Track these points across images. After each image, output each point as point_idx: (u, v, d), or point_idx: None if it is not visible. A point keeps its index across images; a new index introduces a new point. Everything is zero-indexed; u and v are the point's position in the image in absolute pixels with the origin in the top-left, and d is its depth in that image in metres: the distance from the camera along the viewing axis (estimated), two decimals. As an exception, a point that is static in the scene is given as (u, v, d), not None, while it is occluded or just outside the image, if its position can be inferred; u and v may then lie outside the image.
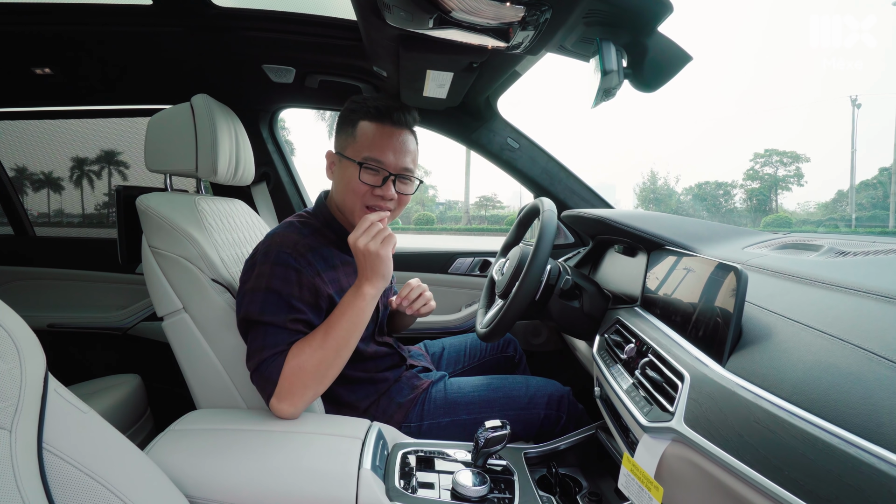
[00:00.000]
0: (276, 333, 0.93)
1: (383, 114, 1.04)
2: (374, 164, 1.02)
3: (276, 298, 0.94)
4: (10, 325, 0.53)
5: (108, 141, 3.30)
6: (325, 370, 0.93)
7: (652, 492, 0.63)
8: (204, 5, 1.40)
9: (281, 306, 0.94)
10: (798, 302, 0.63)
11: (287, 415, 0.92)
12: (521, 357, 1.49)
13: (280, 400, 0.91)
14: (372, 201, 1.04)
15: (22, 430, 0.49)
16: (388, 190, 1.04)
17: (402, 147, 1.05)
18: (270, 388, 0.91)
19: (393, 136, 1.04)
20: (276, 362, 0.91)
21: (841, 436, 0.41)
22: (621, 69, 0.95)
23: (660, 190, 38.11)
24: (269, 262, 0.96)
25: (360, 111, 1.05)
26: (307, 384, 0.92)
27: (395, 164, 1.04)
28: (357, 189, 1.03)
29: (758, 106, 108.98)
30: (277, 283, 0.95)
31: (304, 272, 0.97)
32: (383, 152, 1.03)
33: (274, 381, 0.91)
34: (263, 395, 0.93)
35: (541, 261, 1.01)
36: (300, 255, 0.98)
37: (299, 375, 0.91)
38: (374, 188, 1.03)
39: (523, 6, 0.84)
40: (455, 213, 40.11)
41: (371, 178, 1.03)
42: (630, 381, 0.79)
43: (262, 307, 0.94)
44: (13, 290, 2.08)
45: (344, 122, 1.08)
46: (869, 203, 31.94)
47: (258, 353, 0.92)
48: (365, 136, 1.04)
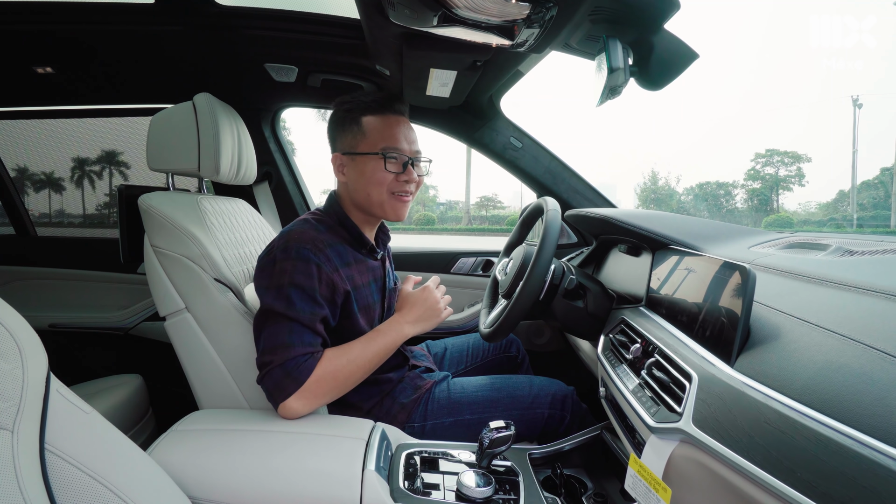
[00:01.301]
0: (302, 332, 0.94)
1: (385, 106, 1.08)
2: (393, 153, 1.06)
3: (301, 293, 0.95)
4: (12, 325, 0.52)
5: (109, 141, 3.30)
6: (350, 383, 1.00)
7: (660, 493, 0.63)
8: (206, 4, 1.39)
9: (306, 301, 0.96)
10: (807, 301, 0.62)
11: (297, 415, 0.93)
12: (524, 357, 1.49)
13: (298, 400, 0.92)
14: (398, 188, 1.08)
15: (24, 430, 0.49)
16: (412, 174, 1.09)
17: (410, 132, 1.11)
18: (293, 387, 0.91)
19: (400, 123, 1.10)
20: (307, 363, 0.93)
21: (854, 437, 0.40)
22: (627, 67, 0.94)
23: (661, 190, 38.08)
24: (290, 258, 0.97)
25: (359, 108, 1.09)
26: (329, 391, 0.96)
27: (410, 149, 1.09)
28: (382, 180, 1.06)
29: (759, 106, 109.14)
30: (300, 277, 0.96)
31: (324, 267, 0.98)
32: (397, 140, 1.08)
33: (301, 380, 0.92)
34: (278, 392, 0.92)
35: (545, 260, 1.00)
36: (319, 251, 0.99)
37: (327, 381, 0.94)
38: (397, 175, 1.07)
39: (529, 3, 0.83)
40: (456, 214, 40.10)
41: (393, 166, 1.07)
42: (636, 382, 0.78)
43: (288, 302, 0.94)
44: (15, 290, 2.08)
45: (345, 123, 1.10)
46: (870, 203, 31.90)
47: (285, 349, 0.92)
48: (374, 129, 1.07)
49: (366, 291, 1.10)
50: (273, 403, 0.94)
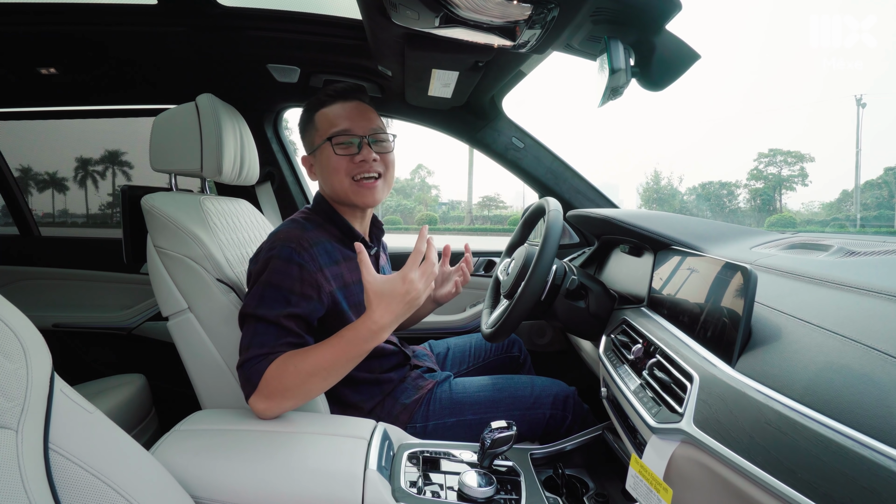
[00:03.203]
0: (264, 332, 0.91)
1: (333, 96, 1.08)
2: (342, 136, 1.04)
3: (274, 292, 0.94)
4: (17, 325, 0.52)
5: (111, 141, 3.31)
6: (313, 387, 0.89)
7: (661, 493, 0.63)
8: (209, 5, 1.40)
9: (277, 300, 0.93)
10: (809, 302, 0.62)
11: (266, 416, 0.91)
12: (526, 357, 1.49)
13: (258, 401, 0.89)
14: (357, 171, 1.05)
15: (28, 430, 0.49)
16: (368, 153, 1.05)
17: (362, 113, 1.07)
18: (248, 389, 0.89)
19: (349, 107, 1.07)
20: (258, 365, 0.88)
21: (855, 438, 0.40)
22: (629, 68, 0.94)
23: (663, 190, 38.05)
24: (273, 258, 0.96)
25: (313, 106, 1.10)
26: (284, 393, 0.88)
27: (363, 127, 1.06)
28: (337, 165, 1.04)
29: (761, 105, 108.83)
30: (277, 277, 0.94)
31: (307, 267, 0.97)
32: (347, 122, 1.05)
33: (254, 382, 0.88)
34: (245, 392, 0.91)
35: (547, 261, 1.00)
36: (303, 250, 0.98)
37: (277, 383, 0.87)
38: (352, 157, 1.05)
39: (530, 4, 0.83)
40: (458, 214, 40.14)
41: (345, 149, 1.05)
42: (637, 382, 0.78)
43: (258, 301, 0.93)
44: (19, 290, 2.09)
45: (305, 125, 1.12)
46: (874, 203, 31.81)
47: (244, 350, 0.91)
48: (325, 119, 1.07)
49: (356, 289, 1.07)
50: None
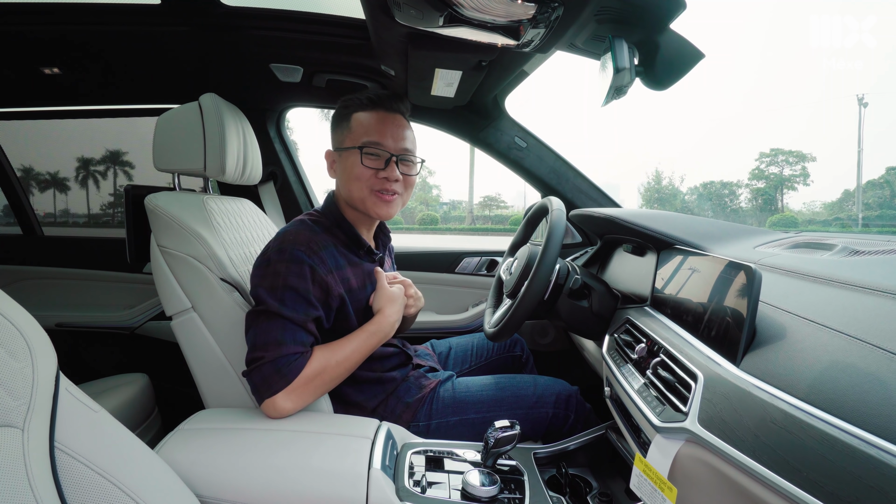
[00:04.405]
0: (294, 331, 0.94)
1: (376, 102, 1.07)
2: (373, 148, 1.05)
3: (295, 295, 0.95)
4: (22, 324, 0.53)
5: (112, 141, 3.32)
6: (336, 382, 1.00)
7: (665, 493, 0.63)
8: (212, 4, 1.40)
9: (300, 302, 0.95)
10: (813, 301, 0.62)
11: (282, 413, 0.92)
12: (529, 356, 1.49)
13: (286, 397, 0.91)
14: (378, 185, 1.06)
15: (34, 429, 0.49)
16: (393, 171, 1.05)
17: (398, 130, 1.08)
18: (281, 384, 0.91)
19: (387, 119, 1.07)
20: (297, 362, 0.92)
21: (861, 437, 0.41)
22: (633, 67, 0.94)
23: (664, 190, 38.01)
24: (284, 260, 0.97)
25: (353, 105, 1.09)
26: (315, 390, 0.96)
27: (395, 146, 1.06)
28: (361, 175, 1.05)
29: (762, 105, 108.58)
30: (294, 279, 0.95)
31: (318, 269, 0.98)
32: (381, 135, 1.05)
33: (290, 378, 0.91)
34: (265, 388, 0.91)
35: (550, 260, 1.00)
36: (313, 253, 0.99)
37: (315, 380, 0.94)
38: (377, 171, 1.05)
39: (534, 4, 0.83)
40: (459, 213, 40.14)
41: (373, 161, 1.05)
42: (641, 381, 0.78)
43: (282, 302, 0.94)
44: (22, 290, 2.09)
45: (339, 119, 1.11)
46: (876, 203, 31.74)
47: (277, 345, 0.92)
48: (360, 124, 1.06)
49: (361, 294, 1.08)
50: (258, 399, 0.93)
